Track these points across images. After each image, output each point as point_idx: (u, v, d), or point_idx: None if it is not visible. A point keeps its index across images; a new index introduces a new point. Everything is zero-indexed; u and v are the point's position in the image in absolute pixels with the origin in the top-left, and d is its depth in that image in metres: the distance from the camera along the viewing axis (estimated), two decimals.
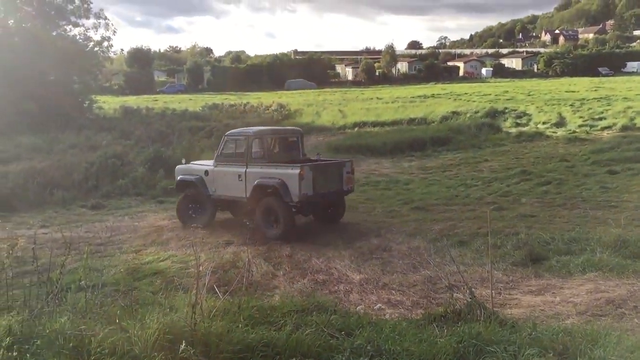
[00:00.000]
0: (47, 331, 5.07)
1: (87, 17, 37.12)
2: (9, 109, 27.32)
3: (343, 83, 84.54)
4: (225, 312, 5.82)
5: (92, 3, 37.42)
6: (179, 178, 13.24)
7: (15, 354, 4.76)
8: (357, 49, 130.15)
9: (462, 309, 6.02)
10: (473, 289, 6.51)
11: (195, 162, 13.61)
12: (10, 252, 5.92)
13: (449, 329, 5.52)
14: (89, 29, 37.31)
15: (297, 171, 11.12)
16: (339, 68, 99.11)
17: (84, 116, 33.50)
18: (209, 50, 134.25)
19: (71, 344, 4.92)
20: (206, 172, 12.61)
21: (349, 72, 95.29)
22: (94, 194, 16.90)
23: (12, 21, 35.06)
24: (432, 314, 6.34)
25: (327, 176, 11.77)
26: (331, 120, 32.34)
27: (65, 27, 36.87)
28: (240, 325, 5.39)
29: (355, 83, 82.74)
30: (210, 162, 12.85)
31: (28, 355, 4.73)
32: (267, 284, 8.80)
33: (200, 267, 6.10)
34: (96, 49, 37.64)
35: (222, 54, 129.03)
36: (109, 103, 44.13)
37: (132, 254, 10.71)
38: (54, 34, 36.15)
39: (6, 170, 17.33)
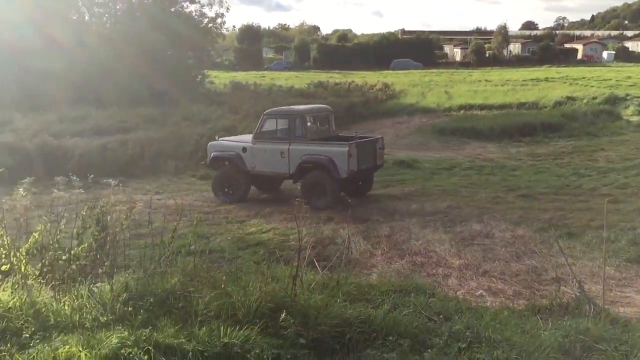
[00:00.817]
0: (159, 290, 5.41)
1: None
2: (131, 80, 29.00)
3: (451, 64, 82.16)
4: (324, 287, 5.92)
5: None
6: (213, 154, 13.63)
7: (130, 309, 5.13)
8: (467, 29, 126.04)
9: (570, 303, 5.76)
10: (582, 283, 6.19)
11: (226, 139, 14.11)
12: (129, 214, 6.34)
13: (554, 322, 5.30)
14: (204, 5, 38.71)
15: (345, 149, 12.01)
16: (447, 48, 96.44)
17: (197, 90, 34.91)
18: (316, 29, 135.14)
19: (180, 304, 5.23)
20: (244, 149, 13.14)
21: (457, 53, 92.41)
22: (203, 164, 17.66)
23: None
24: (536, 305, 6.12)
25: (366, 153, 12.66)
26: (436, 102, 31.68)
27: (182, 3, 38.46)
28: (338, 300, 5.47)
29: (463, 64, 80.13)
30: (244, 138, 13.67)
31: (142, 310, 5.07)
32: (365, 263, 8.84)
33: (301, 241, 6.22)
34: (210, 25, 39.00)
35: (329, 32, 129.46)
36: (219, 78, 45.73)
37: (237, 224, 11.14)
38: (172, 10, 37.83)
39: (126, 139, 18.47)
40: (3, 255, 5.88)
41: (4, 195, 6.99)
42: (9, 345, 4.57)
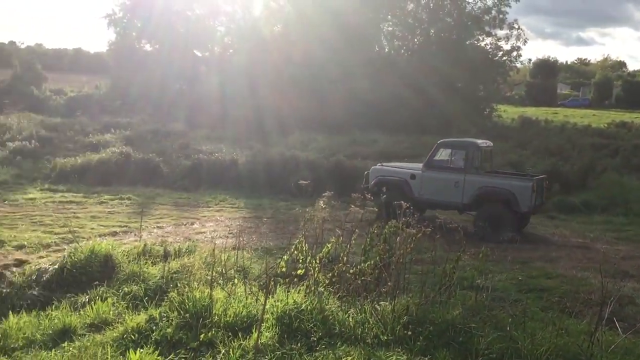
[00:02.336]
0: (439, 320, 5.27)
1: (501, 28, 38.14)
2: (421, 110, 30.03)
3: None
4: (627, 352, 5.10)
5: (507, 14, 38.22)
6: (377, 178, 13.52)
7: (409, 333, 5.09)
8: None
9: None
10: None
11: (389, 165, 14.17)
12: (415, 238, 6.35)
13: None
14: (500, 38, 38.24)
15: (529, 184, 12.20)
16: None
17: (484, 123, 34.52)
18: (621, 64, 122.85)
19: (460, 339, 5.00)
20: (412, 176, 13.16)
21: None
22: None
23: (432, 31, 38.41)
24: None
25: (539, 189, 12.58)
26: None
27: (478, 36, 38.56)
28: None
29: None
30: (408, 166, 13.85)
31: (421, 337, 4.99)
32: None
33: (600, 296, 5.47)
34: (504, 58, 38.33)
35: (638, 68, 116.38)
36: (507, 112, 44.50)
37: (519, 264, 10.45)
38: (467, 43, 38.19)
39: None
40: (300, 260, 6.41)
41: (306, 206, 7.67)
42: (299, 345, 4.89)
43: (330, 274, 6.30)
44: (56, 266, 7.70)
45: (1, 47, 79.20)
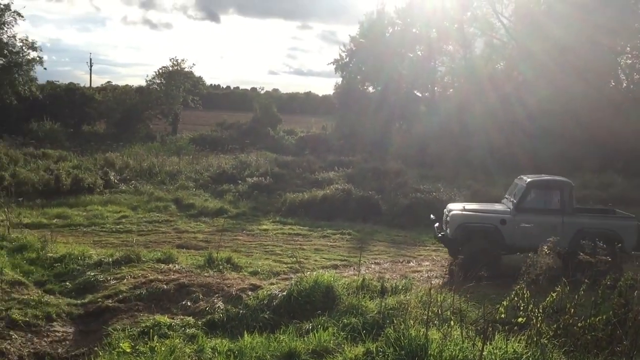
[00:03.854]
0: None
1: None
2: None
3: None
4: None
5: None
6: (460, 224, 11.91)
7: None
8: None
9: None
10: None
11: (469, 208, 12.53)
12: None
13: None
14: None
15: (634, 223, 11.60)
16: None
17: None
18: None
19: None
20: (503, 221, 11.84)
21: None
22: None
23: None
24: None
25: None
26: None
27: None
28: None
29: None
30: (490, 208, 12.63)
31: None
32: None
33: None
34: None
35: None
36: None
37: None
38: None
39: None
40: (521, 308, 6.10)
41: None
42: None
43: (555, 326, 5.89)
44: (284, 293, 8.38)
45: (244, 93, 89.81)
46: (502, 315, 6.20)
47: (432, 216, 13.71)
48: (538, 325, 5.73)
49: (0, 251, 10.40)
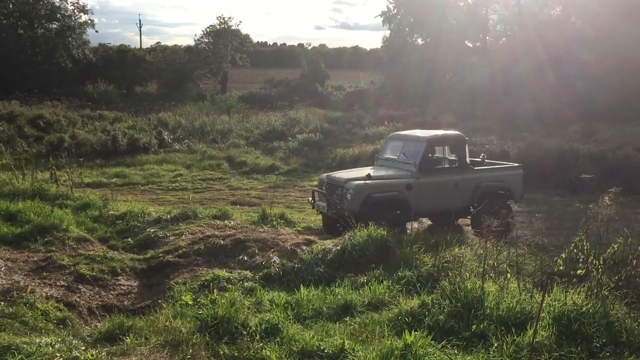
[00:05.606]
0: None
1: None
2: None
3: None
4: None
5: None
6: (367, 196, 10.30)
7: None
8: None
9: None
10: None
11: (374, 176, 10.71)
12: None
13: None
14: None
15: (521, 171, 11.77)
16: None
17: None
18: None
19: None
20: (408, 186, 10.58)
21: None
22: None
23: None
24: None
25: None
26: None
27: None
28: None
29: None
30: (389, 173, 11.17)
31: None
32: None
33: None
34: None
35: None
36: None
37: None
38: None
39: None
40: (581, 260, 5.98)
41: (586, 202, 7.12)
42: (579, 348, 4.61)
43: (616, 277, 5.77)
44: (338, 247, 8.48)
45: (291, 50, 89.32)
46: (561, 268, 6.11)
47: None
48: (599, 277, 5.62)
49: (65, 210, 10.84)
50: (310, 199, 11.64)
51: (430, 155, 11.16)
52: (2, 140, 21.34)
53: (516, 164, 12.18)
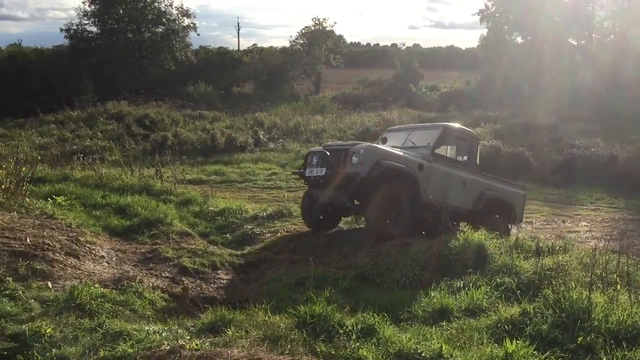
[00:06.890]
0: None
1: None
2: None
3: None
4: None
5: None
6: (378, 161, 9.32)
7: None
8: None
9: None
10: None
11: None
12: None
13: None
14: None
15: (524, 193, 11.60)
16: None
17: None
18: None
19: None
20: (420, 166, 9.72)
21: None
22: None
23: None
24: None
25: None
26: None
27: None
28: None
29: None
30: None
31: None
32: None
33: None
34: None
35: None
36: None
37: None
38: None
39: None
40: None
41: None
42: None
43: None
44: (434, 250, 8.36)
45: (385, 50, 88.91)
46: None
47: None
48: None
49: (169, 205, 11.40)
50: (301, 168, 10.39)
51: (443, 141, 10.45)
52: (112, 137, 22.76)
53: (521, 185, 11.84)
